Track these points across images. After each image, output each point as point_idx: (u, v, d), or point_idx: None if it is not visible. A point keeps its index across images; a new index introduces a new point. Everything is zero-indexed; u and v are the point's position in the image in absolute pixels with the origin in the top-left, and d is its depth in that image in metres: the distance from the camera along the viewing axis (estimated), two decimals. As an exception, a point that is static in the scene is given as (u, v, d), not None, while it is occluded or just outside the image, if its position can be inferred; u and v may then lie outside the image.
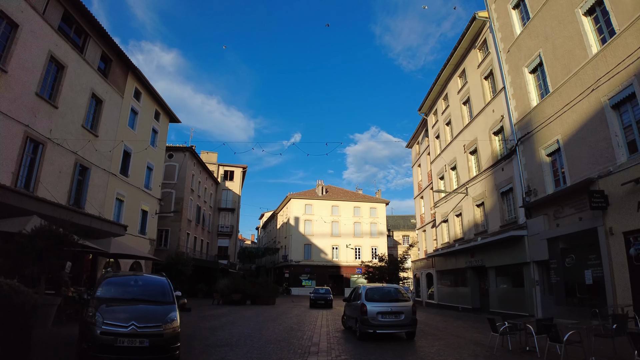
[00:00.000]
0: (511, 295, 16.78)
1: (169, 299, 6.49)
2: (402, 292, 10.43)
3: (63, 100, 17.10)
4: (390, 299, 10.00)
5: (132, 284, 6.83)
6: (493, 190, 18.46)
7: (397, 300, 9.97)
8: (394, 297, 10.17)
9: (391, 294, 10.23)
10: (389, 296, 10.11)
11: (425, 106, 27.70)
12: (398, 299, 10.09)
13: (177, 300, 7.11)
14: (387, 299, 9.95)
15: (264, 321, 13.82)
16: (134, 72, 23.28)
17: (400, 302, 9.91)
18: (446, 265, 23.21)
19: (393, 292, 10.35)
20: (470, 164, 21.09)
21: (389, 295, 10.15)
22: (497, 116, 18.42)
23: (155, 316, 5.75)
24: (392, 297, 10.10)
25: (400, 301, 9.95)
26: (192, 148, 33.10)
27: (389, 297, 10.08)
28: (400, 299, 10.10)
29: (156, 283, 7.01)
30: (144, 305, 6.12)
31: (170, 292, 6.69)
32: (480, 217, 20.04)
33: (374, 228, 51.53)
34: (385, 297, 10.03)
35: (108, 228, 18.06)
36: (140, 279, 7.16)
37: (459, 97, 22.66)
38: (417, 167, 32.14)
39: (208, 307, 20.77)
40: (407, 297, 10.18)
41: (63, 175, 17.25)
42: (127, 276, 7.27)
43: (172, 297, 6.55)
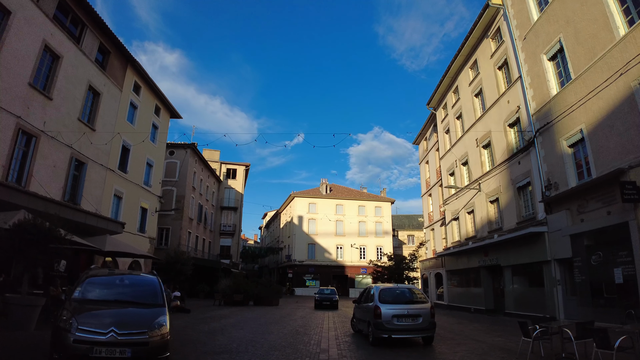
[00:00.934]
0: (529, 295, 15.82)
1: (159, 301, 5.65)
2: (418, 293, 9.53)
3: (58, 92, 16.40)
4: (406, 300, 9.11)
5: (117, 283, 6.00)
6: (508, 185, 17.51)
7: (414, 302, 9.09)
8: (410, 298, 9.27)
9: (407, 295, 9.33)
10: (404, 297, 9.21)
11: (434, 100, 26.76)
12: (414, 300, 9.20)
13: (170, 302, 6.28)
14: (402, 300, 9.06)
15: (267, 324, 12.96)
16: (133, 65, 22.53)
17: (417, 303, 9.02)
18: (457, 264, 22.26)
19: (409, 293, 9.46)
20: (483, 159, 20.15)
21: (405, 297, 9.25)
22: (513, 107, 17.48)
23: (140, 321, 4.91)
24: (408, 299, 9.20)
25: (417, 303, 9.06)
26: (193, 145, 32.33)
27: (404, 298, 9.18)
28: (416, 300, 9.21)
29: (145, 283, 6.17)
30: (128, 308, 5.27)
31: (160, 293, 5.84)
32: (494, 214, 19.10)
33: (379, 227, 50.56)
34: (401, 298, 9.14)
35: (104, 225, 17.29)
36: (127, 278, 6.33)
37: (471, 89, 21.73)
38: (425, 164, 31.19)
39: (209, 308, 19.94)
40: (424, 299, 9.28)
41: (58, 170, 16.52)
42: (112, 275, 6.41)
43: (162, 298, 5.70)
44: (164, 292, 5.89)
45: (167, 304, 5.68)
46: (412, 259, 22.87)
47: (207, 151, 44.06)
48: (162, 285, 6.14)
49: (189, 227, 32.29)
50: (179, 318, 13.81)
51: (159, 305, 5.52)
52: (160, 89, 25.47)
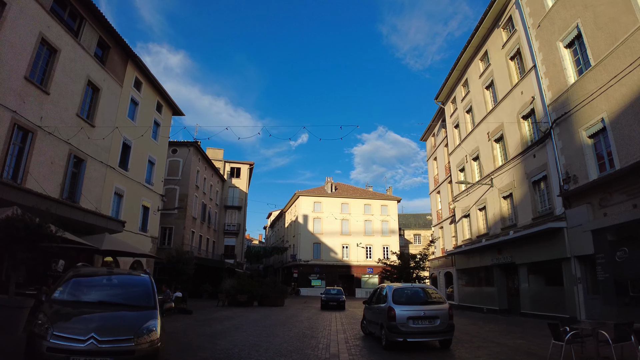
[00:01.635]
0: (547, 295, 15.06)
1: (150, 304, 5.03)
2: (434, 293, 8.84)
3: (56, 87, 15.91)
4: (422, 301, 8.43)
5: (103, 283, 5.39)
6: (523, 180, 16.76)
7: (430, 303, 8.40)
8: (426, 298, 8.58)
9: (422, 295, 8.65)
10: (419, 298, 8.52)
11: (442, 94, 26.00)
12: (431, 300, 8.52)
13: (164, 303, 5.67)
14: (418, 301, 8.38)
15: (272, 325, 12.32)
16: (133, 61, 22.02)
17: (433, 304, 8.33)
18: (468, 263, 21.50)
19: (424, 293, 8.76)
20: (495, 153, 19.39)
21: (420, 297, 8.56)
22: (527, 98, 16.73)
23: (126, 326, 4.29)
24: (423, 299, 8.52)
25: (433, 303, 8.38)
26: (196, 143, 31.81)
27: (419, 298, 8.50)
28: (433, 300, 8.53)
29: (135, 283, 5.56)
30: (114, 311, 4.66)
31: (152, 294, 5.22)
32: (507, 210, 18.34)
33: (385, 226, 49.77)
34: (416, 298, 8.46)
35: (104, 224, 16.76)
36: (115, 277, 5.71)
37: (481, 81, 20.97)
38: (433, 161, 30.42)
39: (212, 309, 19.34)
40: (441, 299, 8.59)
41: (55, 166, 16.02)
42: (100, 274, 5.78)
43: (154, 300, 5.09)
44: (156, 293, 5.27)
45: (159, 306, 5.06)
46: (422, 258, 22.01)
47: (211, 150, 43.60)
48: (155, 285, 5.52)
49: (192, 227, 31.77)
50: (180, 320, 13.23)
51: (150, 308, 4.90)
52: (161, 85, 24.96)
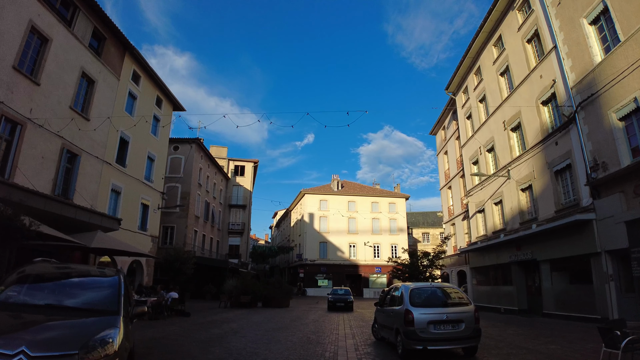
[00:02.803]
0: (573, 294, 13.86)
1: (112, 308, 4.04)
2: (457, 293, 7.70)
3: (47, 77, 15.12)
4: (443, 302, 7.32)
5: (58, 283, 4.40)
6: (543, 170, 15.58)
7: (453, 304, 7.30)
8: (448, 299, 7.47)
9: (443, 296, 7.53)
10: (440, 299, 7.41)
11: (453, 84, 24.82)
12: (453, 302, 7.40)
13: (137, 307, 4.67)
14: (438, 302, 7.28)
15: (275, 329, 11.29)
16: (131, 53, 21.19)
17: (457, 306, 7.23)
18: (483, 260, 20.30)
19: (446, 293, 7.64)
20: (512, 143, 18.20)
21: (441, 298, 7.44)
22: (547, 82, 15.55)
23: (71, 337, 3.30)
24: (445, 300, 7.40)
25: (456, 305, 7.27)
26: (198, 140, 30.96)
27: (440, 300, 7.38)
28: (456, 302, 7.41)
29: (99, 284, 4.57)
30: (61, 319, 3.67)
31: (117, 296, 4.23)
32: (526, 203, 17.15)
33: (393, 224, 48.53)
34: (436, 300, 7.35)
35: (98, 221, 15.84)
36: (75, 276, 4.70)
37: (495, 67, 19.79)
38: (444, 155, 29.23)
39: (213, 310, 18.37)
40: (464, 300, 7.46)
41: (47, 161, 15.20)
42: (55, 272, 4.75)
43: (118, 305, 4.09)
44: (122, 296, 4.27)
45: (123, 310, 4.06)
46: (437, 255, 20.72)
47: (214, 148, 42.80)
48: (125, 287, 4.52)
49: (195, 226, 30.90)
50: (176, 323, 12.28)
51: (111, 314, 3.91)
52: (161, 79, 24.12)
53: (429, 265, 19.87)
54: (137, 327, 11.12)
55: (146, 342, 8.11)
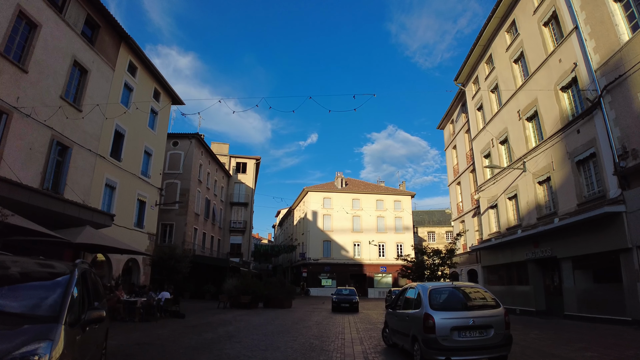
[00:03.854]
0: (599, 293, 12.78)
1: (51, 313, 3.08)
2: (482, 293, 6.65)
3: (36, 65, 14.31)
4: (468, 304, 6.31)
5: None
6: (564, 160, 14.50)
7: (479, 307, 6.26)
8: (473, 301, 6.45)
9: (468, 297, 6.50)
10: (464, 300, 6.36)
11: (462, 74, 23.73)
12: (480, 304, 6.38)
13: (94, 311, 3.68)
14: (462, 304, 6.24)
15: (275, 333, 10.30)
16: (127, 43, 20.34)
17: (483, 309, 6.19)
18: (497, 259, 19.22)
19: (470, 294, 6.62)
20: (527, 133, 17.13)
21: (465, 299, 6.40)
22: (567, 66, 14.48)
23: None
24: (470, 302, 6.37)
25: (483, 308, 6.24)
26: (198, 135, 30.06)
27: (464, 301, 6.34)
28: (482, 304, 6.38)
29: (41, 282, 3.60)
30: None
31: (61, 300, 3.26)
32: (543, 197, 16.07)
33: (398, 223, 47.40)
34: (460, 301, 6.32)
35: (89, 217, 14.94)
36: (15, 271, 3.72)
37: (508, 54, 18.72)
38: (452, 150, 28.13)
39: (211, 311, 17.41)
40: (492, 301, 6.40)
41: (35, 153, 14.36)
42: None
43: (59, 310, 3.13)
44: (68, 298, 3.30)
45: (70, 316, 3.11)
46: (448, 253, 19.50)
47: (216, 145, 41.94)
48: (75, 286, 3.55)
49: (195, 223, 30.00)
50: (168, 325, 11.33)
51: (47, 321, 2.95)
52: (159, 71, 23.24)
53: (441, 264, 18.76)
54: (122, 329, 10.19)
55: (127, 348, 7.18)
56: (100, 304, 4.99)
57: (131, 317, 12.03)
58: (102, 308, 3.77)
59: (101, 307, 3.85)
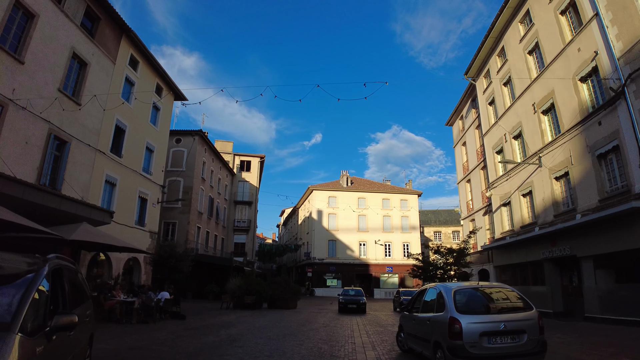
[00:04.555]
0: (623, 294, 12.02)
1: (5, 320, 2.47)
2: (511, 293, 5.96)
3: (32, 56, 13.84)
4: (497, 307, 5.62)
5: None
6: (583, 154, 13.76)
7: (510, 309, 5.59)
8: (503, 303, 5.78)
9: (497, 299, 5.83)
10: (493, 302, 5.68)
11: (473, 68, 22.98)
12: (510, 306, 5.70)
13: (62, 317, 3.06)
14: (491, 307, 5.58)
15: (280, 337, 9.67)
16: (128, 36, 19.84)
17: (514, 311, 5.51)
18: (510, 258, 18.48)
19: (499, 295, 5.96)
20: (543, 127, 16.39)
21: (494, 301, 5.74)
22: (586, 55, 13.74)
23: None
24: (499, 305, 5.70)
25: (514, 310, 5.56)
26: (201, 132, 29.52)
27: (493, 303, 5.67)
28: (513, 306, 5.70)
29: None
30: None
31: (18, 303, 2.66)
32: (561, 193, 15.33)
33: (405, 222, 46.62)
34: (488, 303, 5.66)
35: (87, 213, 14.37)
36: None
37: (522, 46, 17.98)
38: (461, 146, 27.37)
39: (214, 312, 16.82)
40: (523, 303, 5.71)
41: (31, 147, 13.88)
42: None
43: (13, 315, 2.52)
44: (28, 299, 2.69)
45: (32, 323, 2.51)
46: (462, 251, 18.60)
47: (220, 142, 41.46)
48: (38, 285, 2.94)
49: (198, 222, 29.48)
50: (167, 328, 10.73)
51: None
52: (162, 66, 22.74)
53: (454, 263, 17.96)
54: (118, 332, 9.60)
55: (117, 354, 6.59)
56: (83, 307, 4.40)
57: (128, 319, 11.46)
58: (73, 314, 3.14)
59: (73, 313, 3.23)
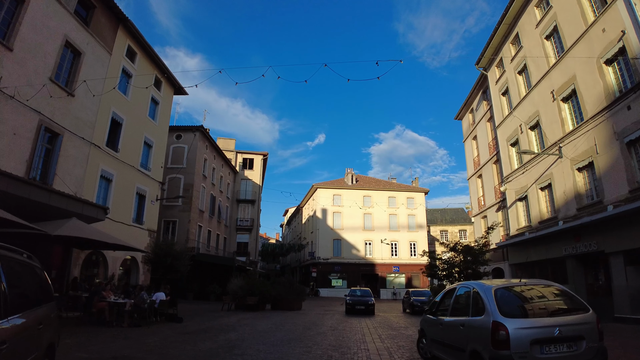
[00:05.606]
0: (659, 294, 11.00)
1: None
2: (563, 293, 4.98)
3: (22, 43, 13.09)
4: (549, 308, 4.68)
5: None
6: (610, 142, 12.74)
7: (564, 312, 4.65)
8: (555, 304, 4.82)
9: (546, 299, 4.86)
10: (543, 303, 4.75)
11: (484, 57, 21.95)
12: (564, 308, 4.76)
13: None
14: (542, 309, 4.63)
15: (284, 342, 8.73)
16: (125, 26, 19.03)
17: (570, 313, 4.58)
18: (528, 255, 17.44)
19: (548, 295, 4.97)
20: (563, 115, 15.37)
21: (545, 302, 4.79)
22: (612, 35, 12.72)
23: None
24: (551, 306, 4.75)
25: (569, 312, 4.63)
26: (202, 127, 28.67)
27: (544, 304, 4.73)
28: (567, 307, 4.75)
29: None
30: None
31: None
32: (584, 185, 14.31)
33: (411, 220, 45.53)
34: (538, 304, 4.70)
35: (78, 209, 13.50)
36: None
37: (539, 30, 16.96)
38: (472, 141, 26.33)
39: (214, 314, 15.87)
40: (578, 304, 4.76)
41: (19, 138, 13.09)
42: None
43: None
44: None
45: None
46: (481, 248, 17.39)
47: (222, 140, 40.64)
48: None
49: (199, 220, 28.60)
50: (159, 332, 9.79)
51: None
52: (160, 58, 21.92)
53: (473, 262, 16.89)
54: (105, 336, 8.61)
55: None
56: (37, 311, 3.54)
57: (120, 322, 10.56)
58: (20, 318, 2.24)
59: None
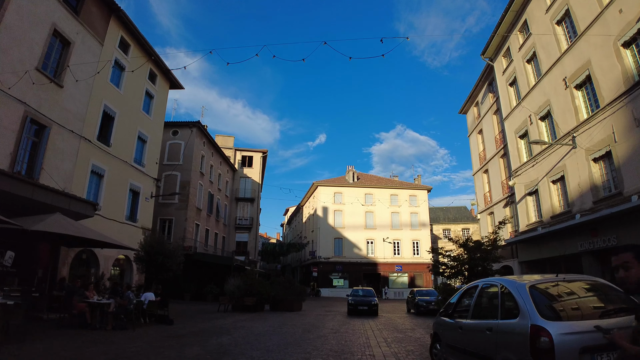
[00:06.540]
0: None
1: None
2: (612, 291, 4.07)
3: (7, 30, 12.46)
4: (599, 310, 3.84)
5: None
6: (630, 129, 11.94)
7: (613, 312, 3.76)
8: (604, 303, 3.97)
9: (593, 297, 4.07)
10: (590, 302, 3.94)
11: (490, 47, 21.15)
12: (611, 307, 3.88)
13: None
14: (591, 310, 3.82)
15: (281, 347, 7.96)
16: (118, 16, 18.32)
17: (622, 313, 3.72)
18: (539, 252, 16.62)
19: (595, 292, 4.16)
20: (576, 103, 14.57)
21: (592, 301, 3.99)
22: (630, 16, 11.92)
23: None
24: (600, 305, 3.92)
25: (619, 313, 3.73)
26: (200, 124, 27.91)
27: (592, 304, 3.92)
28: (617, 307, 3.80)
29: None
30: None
31: None
32: (600, 176, 13.51)
33: (414, 219, 44.72)
34: (585, 304, 3.90)
35: (65, 204, 12.76)
36: None
37: (549, 16, 16.18)
38: (477, 135, 25.53)
39: (208, 315, 15.08)
40: (629, 302, 3.83)
41: (3, 130, 12.48)
42: None
43: None
44: None
45: None
46: (492, 244, 16.51)
47: (220, 137, 39.94)
48: None
49: (197, 219, 27.84)
50: (144, 336, 9.03)
51: None
52: (155, 50, 21.19)
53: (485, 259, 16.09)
54: (85, 340, 7.77)
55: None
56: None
57: (103, 324, 9.78)
58: None
59: None
